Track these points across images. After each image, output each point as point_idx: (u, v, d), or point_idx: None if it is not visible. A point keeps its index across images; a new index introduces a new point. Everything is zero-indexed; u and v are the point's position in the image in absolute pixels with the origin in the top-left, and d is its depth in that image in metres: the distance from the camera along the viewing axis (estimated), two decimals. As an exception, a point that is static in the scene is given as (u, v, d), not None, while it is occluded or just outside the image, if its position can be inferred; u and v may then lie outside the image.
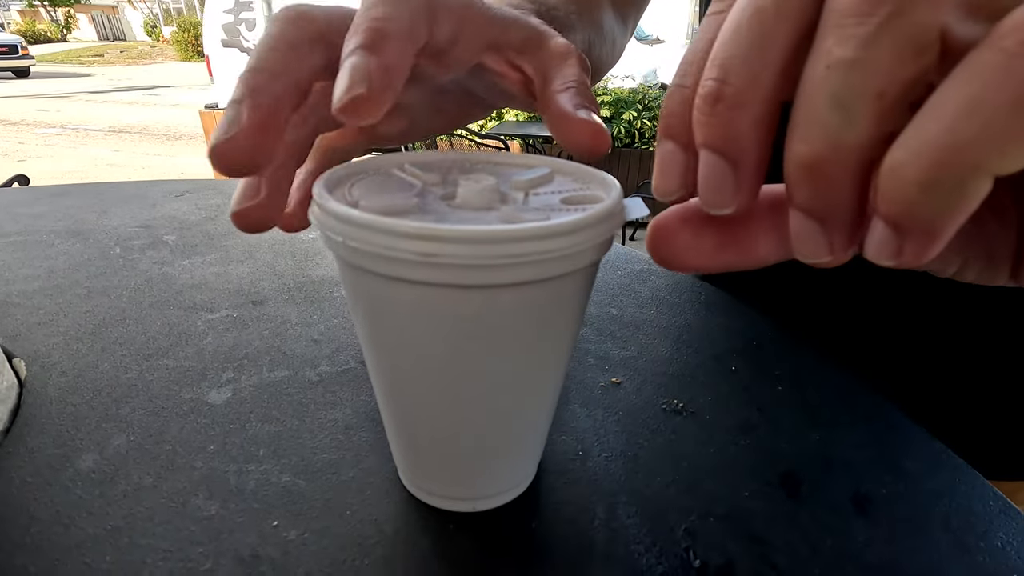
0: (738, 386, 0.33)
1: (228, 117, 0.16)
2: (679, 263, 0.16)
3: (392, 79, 0.16)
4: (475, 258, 0.16)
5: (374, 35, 0.17)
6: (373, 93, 0.16)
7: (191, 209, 0.61)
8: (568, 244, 0.16)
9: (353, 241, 0.16)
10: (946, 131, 0.10)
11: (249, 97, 0.16)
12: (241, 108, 0.16)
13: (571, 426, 0.29)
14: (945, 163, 0.10)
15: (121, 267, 0.46)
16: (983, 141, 0.09)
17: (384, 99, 0.16)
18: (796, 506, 0.25)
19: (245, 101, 0.16)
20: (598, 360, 0.35)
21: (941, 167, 0.10)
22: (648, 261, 0.50)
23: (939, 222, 0.11)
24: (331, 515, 0.23)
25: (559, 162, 0.22)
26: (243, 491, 0.24)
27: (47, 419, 0.28)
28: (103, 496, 0.24)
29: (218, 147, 0.16)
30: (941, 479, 0.27)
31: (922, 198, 0.10)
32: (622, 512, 0.24)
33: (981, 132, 0.09)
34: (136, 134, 6.51)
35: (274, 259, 0.48)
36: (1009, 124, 0.09)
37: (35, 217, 0.58)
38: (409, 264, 0.16)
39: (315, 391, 0.31)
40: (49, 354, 0.33)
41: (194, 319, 0.38)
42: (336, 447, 0.27)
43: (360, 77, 0.16)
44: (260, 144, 0.16)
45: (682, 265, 0.16)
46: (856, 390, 0.33)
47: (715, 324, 0.40)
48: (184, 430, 0.28)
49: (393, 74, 0.16)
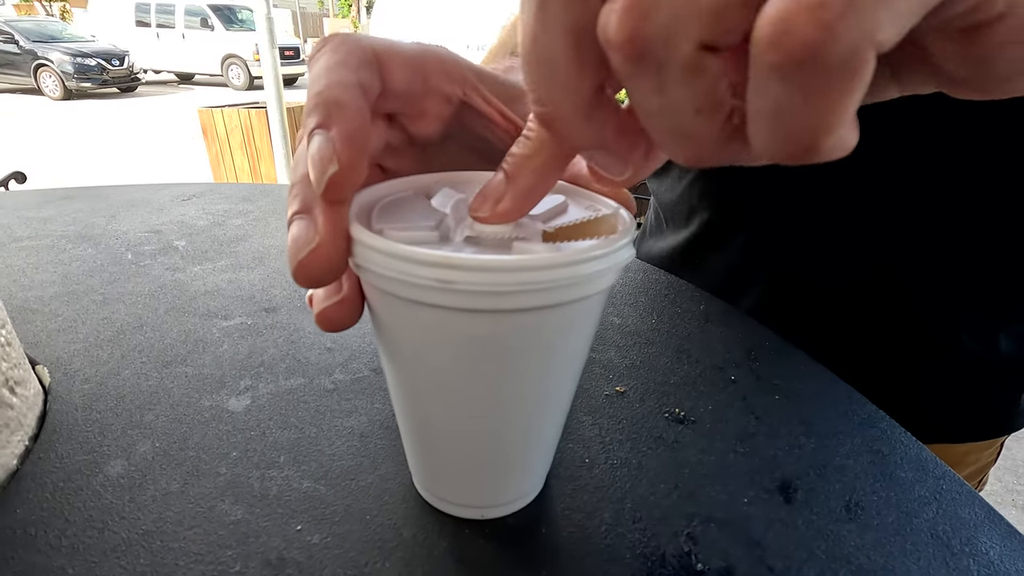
0: (737, 395, 0.34)
1: (300, 225, 0.17)
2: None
3: (357, 142, 0.17)
4: (488, 285, 0.17)
5: (325, 108, 0.17)
6: (344, 166, 0.16)
7: (199, 214, 0.62)
8: (576, 274, 0.17)
9: (376, 266, 0.18)
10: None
11: (322, 200, 0.17)
12: (315, 213, 0.17)
13: (578, 434, 0.30)
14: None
15: (134, 273, 0.47)
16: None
17: (358, 163, 0.17)
18: (792, 512, 0.26)
19: (317, 205, 0.17)
20: (603, 369, 0.36)
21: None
22: (646, 270, 0.51)
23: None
24: (352, 520, 0.25)
25: (574, 188, 0.23)
26: (267, 496, 0.25)
27: (74, 426, 0.29)
28: (133, 501, 0.25)
29: (301, 265, 0.17)
30: (929, 486, 0.28)
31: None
32: (627, 518, 0.25)
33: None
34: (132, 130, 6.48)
35: (284, 265, 0.49)
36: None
37: (44, 221, 0.58)
38: (428, 289, 0.17)
39: (331, 399, 0.32)
40: (71, 361, 0.34)
41: (209, 326, 0.39)
42: (353, 454, 0.28)
43: (328, 156, 0.16)
44: (342, 250, 0.17)
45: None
46: (850, 400, 0.35)
47: (715, 334, 0.41)
48: (207, 437, 0.29)
49: (356, 137, 0.17)
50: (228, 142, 3.40)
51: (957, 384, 0.48)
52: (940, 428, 0.50)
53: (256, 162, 3.40)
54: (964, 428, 0.51)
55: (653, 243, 0.58)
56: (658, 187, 0.58)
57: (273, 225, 0.59)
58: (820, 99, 0.11)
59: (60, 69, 9.02)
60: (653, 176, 0.58)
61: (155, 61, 10.83)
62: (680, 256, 0.54)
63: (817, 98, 0.11)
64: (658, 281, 0.49)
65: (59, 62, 9.04)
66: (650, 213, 0.60)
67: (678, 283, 0.49)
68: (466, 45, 7.07)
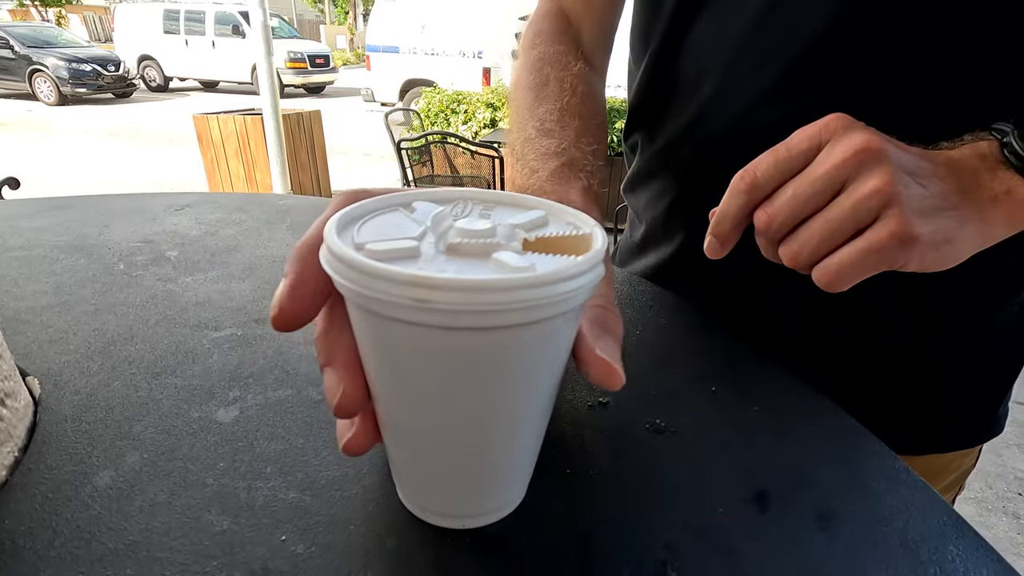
0: (717, 406, 0.35)
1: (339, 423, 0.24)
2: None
3: (297, 292, 0.21)
4: (465, 304, 0.17)
5: (289, 260, 0.22)
6: (282, 311, 0.21)
7: (191, 224, 0.62)
8: (553, 293, 0.18)
9: (356, 285, 0.18)
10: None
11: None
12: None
13: (560, 445, 0.31)
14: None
15: (126, 283, 0.47)
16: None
17: (294, 310, 0.21)
18: (767, 521, 0.27)
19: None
20: (586, 380, 0.37)
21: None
22: (632, 282, 0.52)
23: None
24: (336, 530, 0.25)
25: (555, 206, 0.24)
26: (253, 507, 0.26)
27: (63, 437, 0.29)
28: (121, 512, 0.25)
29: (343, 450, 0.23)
30: (900, 496, 0.29)
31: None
32: (606, 527, 0.26)
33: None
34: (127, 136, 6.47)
35: (274, 276, 0.50)
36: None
37: (37, 231, 0.59)
38: (405, 307, 0.18)
39: (318, 410, 0.33)
40: (61, 372, 0.35)
41: (200, 337, 0.39)
42: (339, 464, 0.29)
43: (275, 301, 0.21)
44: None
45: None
46: (826, 411, 0.35)
47: (696, 345, 0.42)
48: (195, 448, 0.29)
49: (297, 289, 0.21)
50: (224, 148, 3.41)
51: (939, 393, 0.49)
52: (928, 437, 0.50)
53: (251, 168, 3.41)
54: (950, 437, 0.52)
55: (638, 258, 0.59)
56: (636, 202, 0.59)
57: (265, 235, 0.60)
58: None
59: (55, 74, 9.02)
60: (632, 192, 0.59)
61: (183, 69, 10.93)
62: (665, 271, 0.55)
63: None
64: (644, 292, 0.50)
65: (54, 67, 9.04)
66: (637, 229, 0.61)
67: (663, 294, 0.49)
68: (460, 53, 7.12)
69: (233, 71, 10.50)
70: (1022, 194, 0.30)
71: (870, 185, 0.28)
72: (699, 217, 0.52)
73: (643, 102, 0.53)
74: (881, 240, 0.28)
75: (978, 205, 0.30)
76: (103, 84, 9.36)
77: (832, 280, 0.29)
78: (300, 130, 3.47)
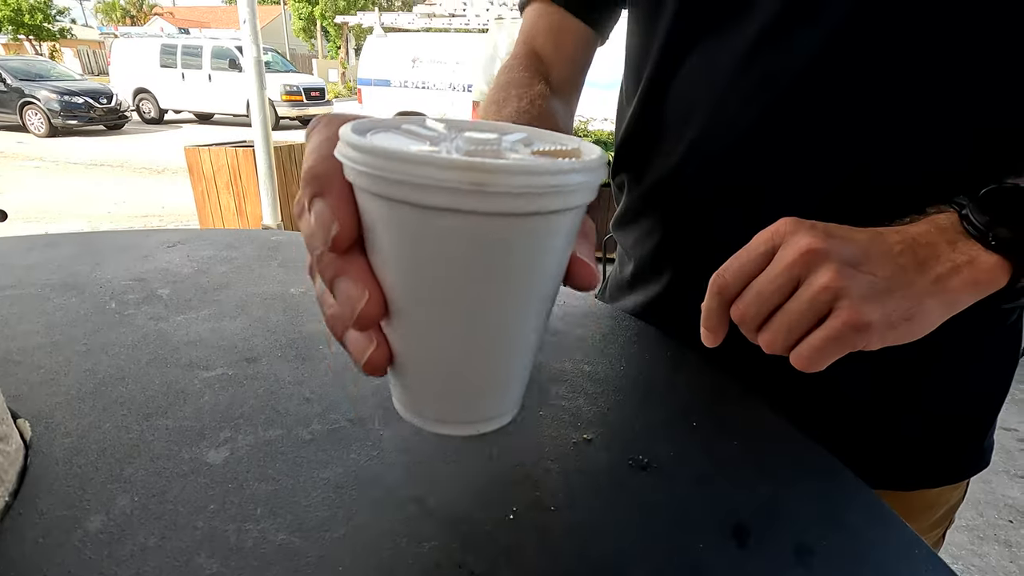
0: (698, 441, 0.36)
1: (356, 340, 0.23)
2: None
3: (349, 205, 0.20)
4: (523, 187, 0.18)
5: (317, 182, 0.21)
6: (342, 225, 0.20)
7: (183, 261, 0.63)
8: (592, 180, 0.20)
9: (400, 175, 0.18)
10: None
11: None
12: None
13: (544, 482, 0.32)
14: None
15: (117, 323, 0.48)
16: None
17: (352, 220, 0.20)
18: (744, 556, 0.28)
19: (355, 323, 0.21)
20: (572, 416, 0.38)
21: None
22: (616, 317, 0.53)
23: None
24: (324, 571, 0.25)
25: (534, 130, 0.25)
26: (242, 549, 0.26)
27: (55, 480, 0.30)
28: (111, 556, 0.26)
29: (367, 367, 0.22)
30: (875, 531, 0.30)
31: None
32: (590, 563, 0.27)
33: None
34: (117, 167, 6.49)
35: (266, 314, 0.50)
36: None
37: (28, 268, 0.59)
38: (458, 193, 0.18)
39: (308, 450, 0.33)
40: (52, 414, 0.35)
41: (191, 377, 0.40)
42: (328, 505, 0.29)
43: (328, 219, 0.20)
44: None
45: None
46: (806, 447, 0.37)
47: (680, 380, 0.43)
48: (185, 490, 0.30)
49: (348, 201, 0.20)
50: (215, 181, 3.42)
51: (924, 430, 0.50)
52: (916, 473, 0.51)
53: (242, 201, 3.42)
54: (937, 472, 0.52)
55: (628, 294, 0.60)
56: (625, 239, 0.61)
57: (257, 272, 0.60)
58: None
59: (47, 107, 9.07)
60: (621, 229, 0.60)
61: (178, 101, 11.20)
62: (653, 309, 0.56)
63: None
64: (628, 328, 0.51)
65: (46, 100, 9.10)
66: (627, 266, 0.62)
67: (647, 330, 0.51)
68: (450, 85, 7.28)
69: (229, 104, 10.68)
70: (984, 260, 0.32)
71: (819, 282, 0.31)
72: (686, 258, 0.54)
73: (631, 139, 0.55)
74: (837, 329, 0.31)
75: (936, 278, 0.32)
76: (95, 116, 9.42)
77: (806, 364, 0.32)
78: (292, 163, 3.51)
